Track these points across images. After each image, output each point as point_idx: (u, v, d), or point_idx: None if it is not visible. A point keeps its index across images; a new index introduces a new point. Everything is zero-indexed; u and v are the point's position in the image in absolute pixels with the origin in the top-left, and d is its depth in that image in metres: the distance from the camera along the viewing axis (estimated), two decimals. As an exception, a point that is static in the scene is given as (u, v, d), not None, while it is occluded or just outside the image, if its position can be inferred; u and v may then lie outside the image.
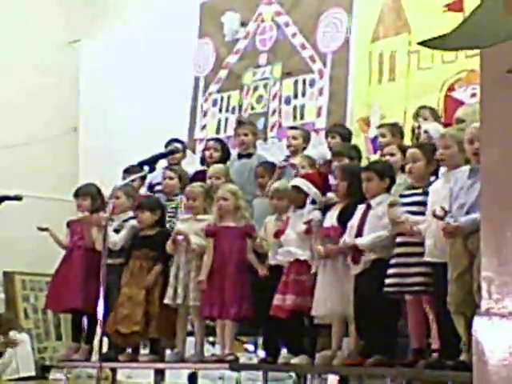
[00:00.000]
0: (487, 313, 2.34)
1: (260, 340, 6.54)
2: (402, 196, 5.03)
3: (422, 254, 4.77)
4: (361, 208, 5.20)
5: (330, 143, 6.50)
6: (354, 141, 6.82)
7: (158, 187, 7.08)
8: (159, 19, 9.39)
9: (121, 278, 6.18)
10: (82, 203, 6.73)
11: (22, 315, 10.09)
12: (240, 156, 6.97)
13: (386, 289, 4.88)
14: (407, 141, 6.11)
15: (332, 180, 5.71)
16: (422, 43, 1.97)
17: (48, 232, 6.73)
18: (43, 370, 9.23)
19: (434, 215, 4.52)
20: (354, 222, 5.18)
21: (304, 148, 6.63)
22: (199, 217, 6.03)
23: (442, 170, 4.96)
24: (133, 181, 6.29)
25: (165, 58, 9.19)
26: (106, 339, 6.18)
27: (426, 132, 5.73)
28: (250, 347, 7.06)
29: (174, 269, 5.97)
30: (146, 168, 5.05)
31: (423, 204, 4.83)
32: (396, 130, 6.15)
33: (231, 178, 6.41)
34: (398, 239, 4.95)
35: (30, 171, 10.13)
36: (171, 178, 6.73)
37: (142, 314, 6.00)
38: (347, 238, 5.16)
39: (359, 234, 5.12)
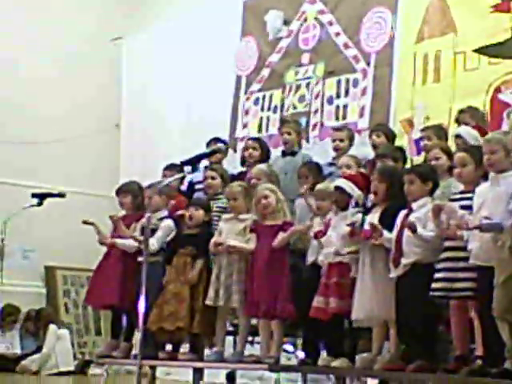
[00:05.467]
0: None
1: (299, 340, 6.52)
2: (451, 200, 4.97)
3: (469, 259, 4.71)
4: (403, 212, 5.15)
5: (374, 141, 6.46)
6: (397, 142, 6.76)
7: (199, 186, 7.08)
8: (202, 17, 9.40)
9: (157, 276, 6.21)
10: (122, 201, 6.80)
11: (63, 310, 10.19)
12: (284, 154, 6.95)
13: (432, 293, 4.84)
14: (452, 143, 6.02)
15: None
16: (478, 51, 1.92)
17: (93, 227, 6.73)
18: (83, 366, 9.31)
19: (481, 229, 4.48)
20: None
21: (349, 149, 6.60)
22: (241, 216, 6.04)
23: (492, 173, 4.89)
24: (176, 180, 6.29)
25: (207, 56, 9.20)
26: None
27: (458, 136, 5.65)
28: (289, 347, 7.03)
29: (215, 270, 5.99)
30: (188, 168, 5.05)
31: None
32: (442, 132, 6.08)
33: (276, 176, 6.38)
34: (447, 243, 4.89)
35: (72, 167, 10.24)
36: (213, 178, 6.72)
37: (186, 310, 6.04)
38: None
39: (400, 237, 5.06)
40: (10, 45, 10.01)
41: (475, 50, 1.78)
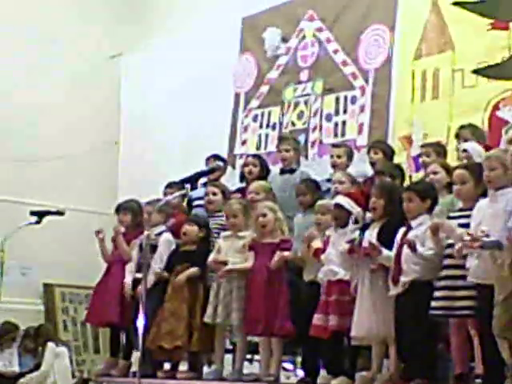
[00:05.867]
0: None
1: (298, 358, 6.49)
2: (449, 218, 4.96)
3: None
4: (402, 229, 5.14)
5: (372, 158, 6.47)
6: (395, 159, 6.77)
7: (198, 202, 7.07)
8: (201, 35, 9.42)
9: (157, 294, 6.19)
10: (122, 219, 6.80)
11: (61, 327, 10.15)
12: (282, 171, 6.95)
13: (432, 312, 4.83)
14: (451, 160, 6.03)
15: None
16: (477, 72, 1.92)
17: (99, 239, 6.72)
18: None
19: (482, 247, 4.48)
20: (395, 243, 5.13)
21: (347, 166, 6.61)
22: (240, 234, 6.05)
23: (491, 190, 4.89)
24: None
25: (206, 72, 9.21)
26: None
27: (464, 151, 5.67)
28: (289, 366, 7.00)
29: (214, 287, 5.98)
30: (188, 186, 5.05)
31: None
32: (441, 149, 6.11)
33: (273, 194, 6.39)
34: (446, 261, 4.88)
35: (71, 184, 10.21)
36: (214, 194, 6.70)
37: (184, 328, 6.03)
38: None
39: (399, 255, 5.05)
40: (9, 62, 10.03)
41: (474, 71, 1.77)
